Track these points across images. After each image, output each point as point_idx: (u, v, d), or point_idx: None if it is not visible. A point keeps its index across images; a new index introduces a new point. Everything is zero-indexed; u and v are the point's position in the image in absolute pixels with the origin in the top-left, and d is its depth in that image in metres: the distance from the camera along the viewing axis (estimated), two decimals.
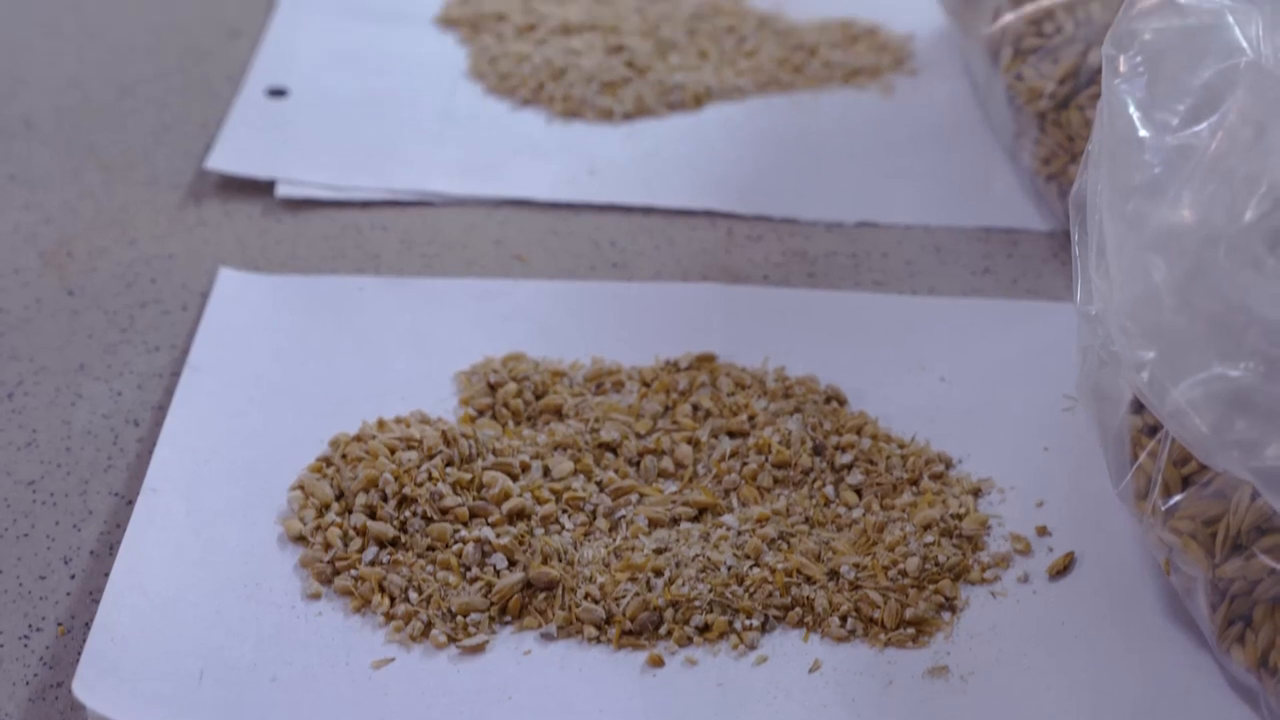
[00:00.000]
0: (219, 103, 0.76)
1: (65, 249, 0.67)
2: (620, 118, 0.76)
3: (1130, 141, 0.50)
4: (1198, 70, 0.50)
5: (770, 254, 0.68)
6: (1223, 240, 0.46)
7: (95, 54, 0.79)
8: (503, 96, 0.77)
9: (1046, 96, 0.69)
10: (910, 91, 0.78)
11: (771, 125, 0.76)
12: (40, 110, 0.75)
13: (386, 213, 0.70)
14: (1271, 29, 0.50)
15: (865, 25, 0.82)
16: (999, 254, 0.68)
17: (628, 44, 0.80)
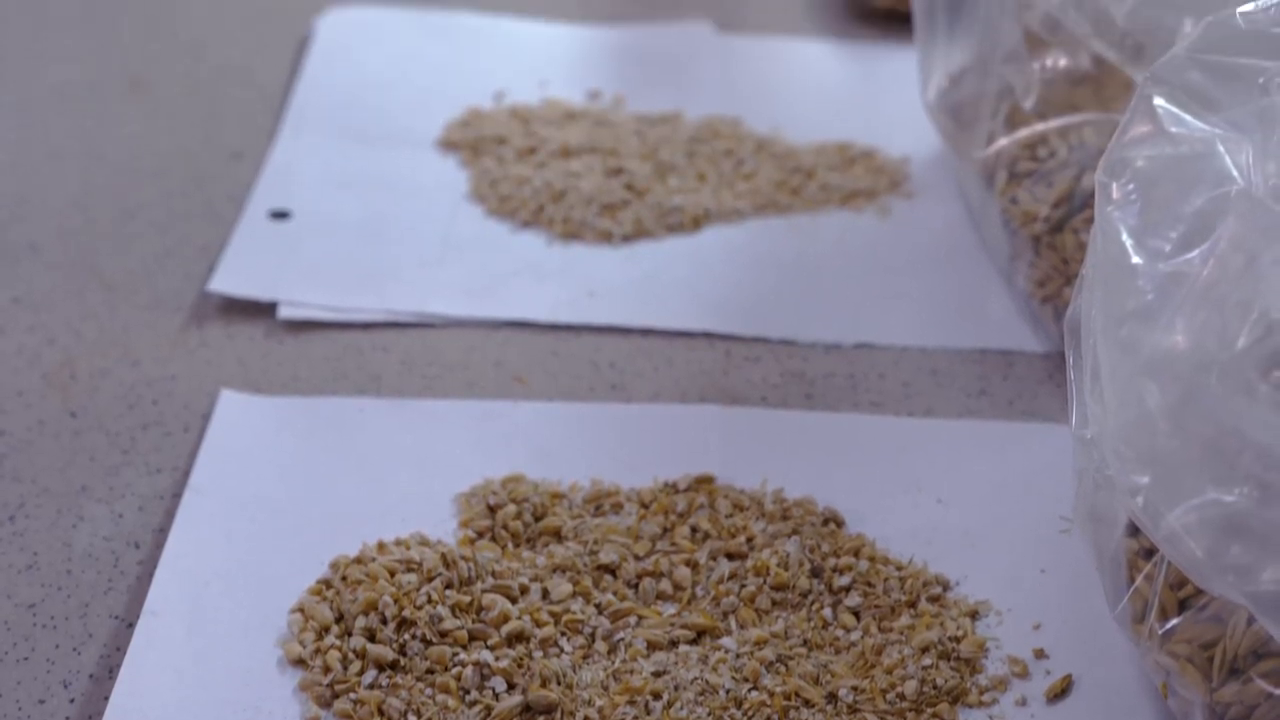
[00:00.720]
0: (222, 225, 0.76)
1: (68, 370, 0.67)
2: (620, 240, 0.77)
3: (1123, 268, 0.50)
4: (1189, 198, 0.51)
5: (768, 375, 0.69)
6: (1215, 366, 0.47)
7: (99, 177, 0.80)
8: (503, 219, 0.78)
9: (1041, 220, 0.69)
10: (907, 214, 0.79)
11: (769, 247, 0.76)
12: (45, 233, 0.76)
13: (388, 334, 0.70)
14: (1261, 158, 0.51)
15: (862, 148, 0.83)
16: (995, 376, 0.69)
17: (627, 167, 0.80)
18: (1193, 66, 0.54)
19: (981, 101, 0.75)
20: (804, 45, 0.92)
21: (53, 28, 0.91)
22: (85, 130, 0.83)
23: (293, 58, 0.89)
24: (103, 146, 0.82)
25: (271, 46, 0.90)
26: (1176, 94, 0.53)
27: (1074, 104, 0.73)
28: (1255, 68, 0.53)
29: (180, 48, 0.90)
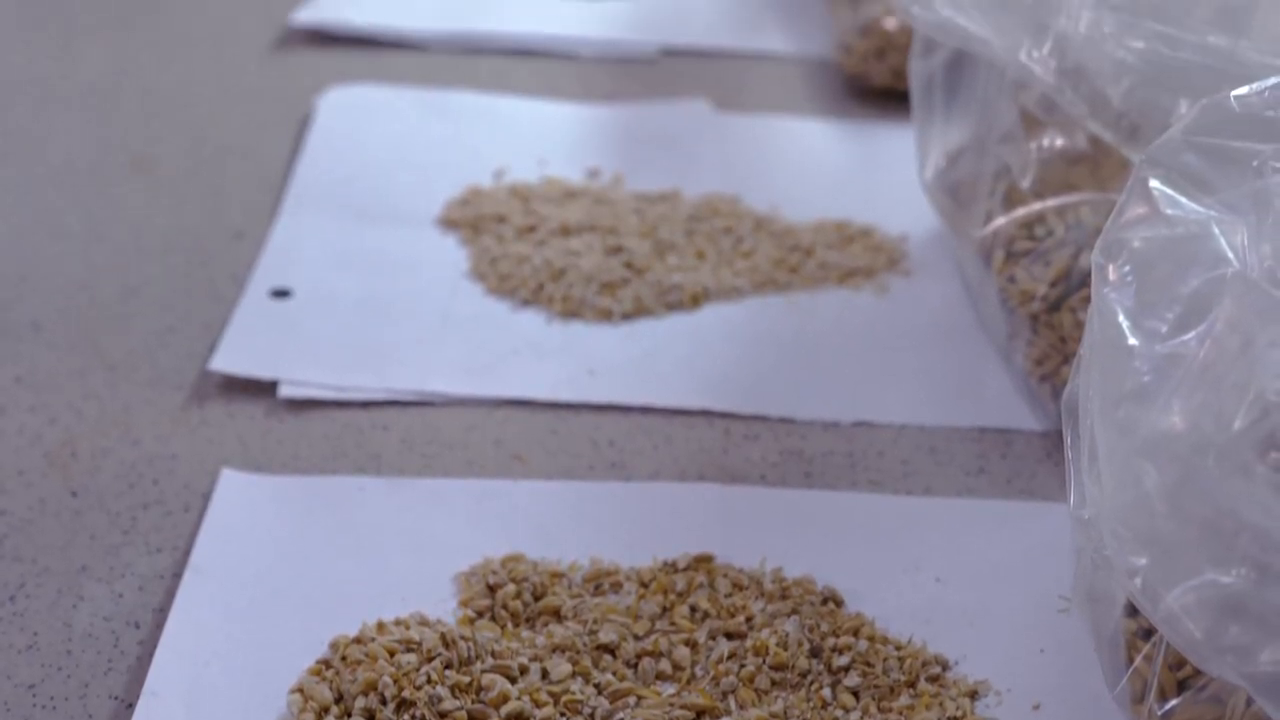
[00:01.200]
0: (223, 303, 0.77)
1: (69, 449, 0.68)
2: (619, 318, 0.77)
3: (1120, 349, 0.50)
4: (1185, 279, 0.51)
5: (767, 453, 0.69)
6: (1212, 448, 0.47)
7: (102, 256, 0.80)
8: (503, 297, 0.78)
9: (1038, 299, 0.70)
10: (905, 292, 0.79)
11: (768, 325, 0.77)
12: (47, 312, 0.76)
13: (388, 412, 0.71)
14: (1256, 240, 0.51)
15: (860, 226, 0.84)
16: (993, 454, 0.69)
17: (626, 245, 0.81)
18: (1188, 149, 0.54)
19: (979, 181, 0.76)
20: (802, 124, 0.93)
21: (56, 107, 0.92)
22: (88, 209, 0.83)
23: (294, 136, 0.90)
24: (105, 225, 0.82)
25: (273, 125, 0.91)
26: (1172, 176, 0.54)
27: (1071, 183, 0.73)
28: (1250, 151, 0.53)
29: (182, 127, 0.91)
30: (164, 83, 0.95)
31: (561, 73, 0.97)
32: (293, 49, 0.98)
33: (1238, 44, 0.63)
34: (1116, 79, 0.66)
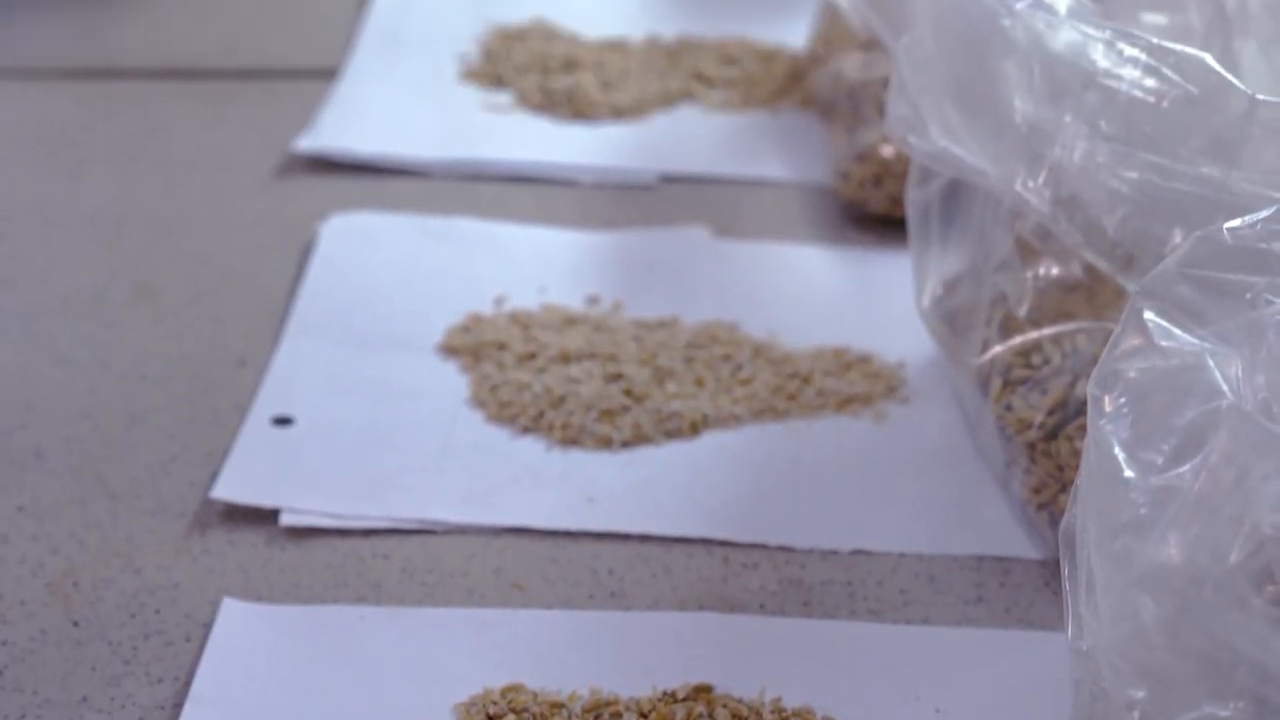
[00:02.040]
0: (226, 431, 0.77)
1: (71, 579, 0.68)
2: (619, 445, 0.77)
3: (1116, 480, 0.51)
4: (1181, 410, 0.52)
5: (766, 582, 0.69)
6: (1209, 580, 0.47)
7: (106, 384, 0.81)
8: (503, 424, 0.79)
9: (1035, 427, 0.70)
10: (903, 419, 0.80)
11: (767, 453, 0.77)
12: (50, 440, 0.76)
13: (388, 541, 0.71)
14: (1250, 371, 0.52)
15: (858, 353, 0.84)
16: (992, 582, 0.69)
17: (626, 372, 0.81)
18: (1182, 281, 0.55)
19: (976, 308, 0.76)
20: (800, 250, 0.94)
21: (61, 235, 0.93)
22: (91, 338, 0.84)
23: (297, 263, 0.91)
24: (109, 354, 0.83)
25: (275, 252, 0.92)
26: (1167, 308, 0.54)
27: (1067, 311, 0.74)
28: (1243, 283, 0.54)
29: (186, 254, 0.91)
30: (168, 210, 0.95)
31: (561, 199, 0.98)
32: (295, 176, 0.99)
33: (1230, 175, 0.64)
34: (1111, 209, 0.66)
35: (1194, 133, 0.65)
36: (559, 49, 1.10)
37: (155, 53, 1.11)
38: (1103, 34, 0.67)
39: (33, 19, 1.14)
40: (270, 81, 1.08)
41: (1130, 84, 0.66)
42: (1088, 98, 0.67)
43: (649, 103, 1.05)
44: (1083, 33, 0.68)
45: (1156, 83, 0.65)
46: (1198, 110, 0.65)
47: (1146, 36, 0.67)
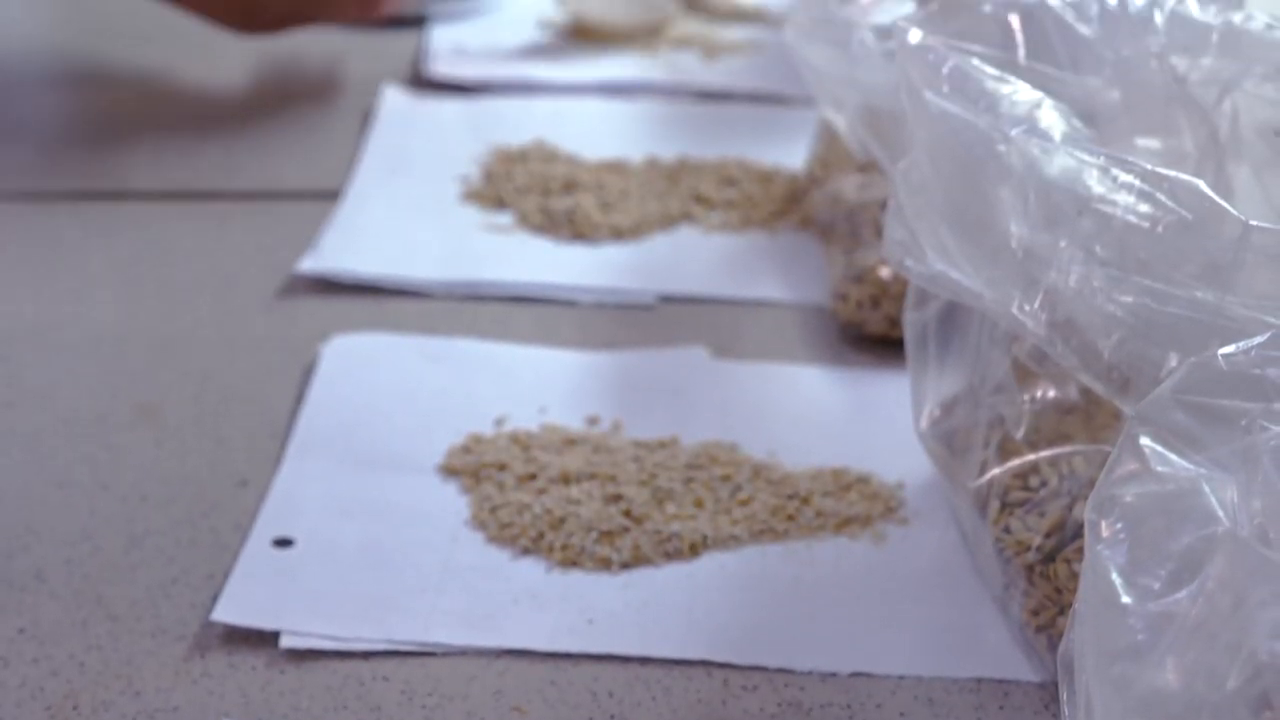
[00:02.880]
0: (226, 553, 0.77)
1: (71, 703, 0.68)
2: (618, 567, 0.78)
3: (1113, 606, 0.51)
4: (1178, 536, 0.52)
5: (765, 705, 0.69)
6: (1206, 707, 0.47)
7: (106, 505, 0.81)
8: (503, 546, 0.79)
9: (1034, 550, 0.70)
10: (901, 540, 0.80)
11: (766, 574, 0.77)
12: (51, 562, 0.77)
13: (388, 663, 0.71)
14: (1246, 497, 0.52)
15: (857, 474, 0.84)
16: (991, 705, 0.69)
17: (625, 493, 0.82)
18: (1177, 407, 0.55)
19: (973, 430, 0.77)
20: (798, 371, 0.94)
21: (63, 355, 0.93)
22: (92, 458, 0.84)
23: (299, 383, 0.91)
24: (109, 475, 0.83)
25: (277, 373, 0.92)
26: (1162, 433, 0.55)
27: (1064, 434, 0.75)
28: (1238, 409, 0.54)
29: (188, 375, 0.92)
30: (169, 331, 0.96)
31: (562, 319, 0.99)
32: (297, 296, 0.99)
33: (1224, 300, 0.64)
34: (1107, 332, 0.67)
35: (1188, 258, 0.66)
36: (559, 170, 1.11)
37: (157, 174, 1.12)
38: (1097, 160, 0.68)
39: (36, 142, 1.15)
40: (272, 202, 1.09)
41: (1125, 209, 0.66)
42: (1083, 223, 0.67)
43: (648, 224, 1.06)
44: (1077, 159, 0.69)
45: (1151, 208, 0.66)
46: (1192, 235, 0.65)
47: (1141, 163, 0.67)
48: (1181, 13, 0.78)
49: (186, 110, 1.20)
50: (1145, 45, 0.78)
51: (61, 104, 1.20)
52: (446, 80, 1.23)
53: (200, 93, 1.22)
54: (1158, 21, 0.78)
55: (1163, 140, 0.78)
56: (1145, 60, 0.78)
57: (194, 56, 1.27)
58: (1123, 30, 0.78)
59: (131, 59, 1.27)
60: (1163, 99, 0.78)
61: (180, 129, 1.18)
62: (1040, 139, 0.70)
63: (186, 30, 1.29)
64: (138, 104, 1.20)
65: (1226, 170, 0.78)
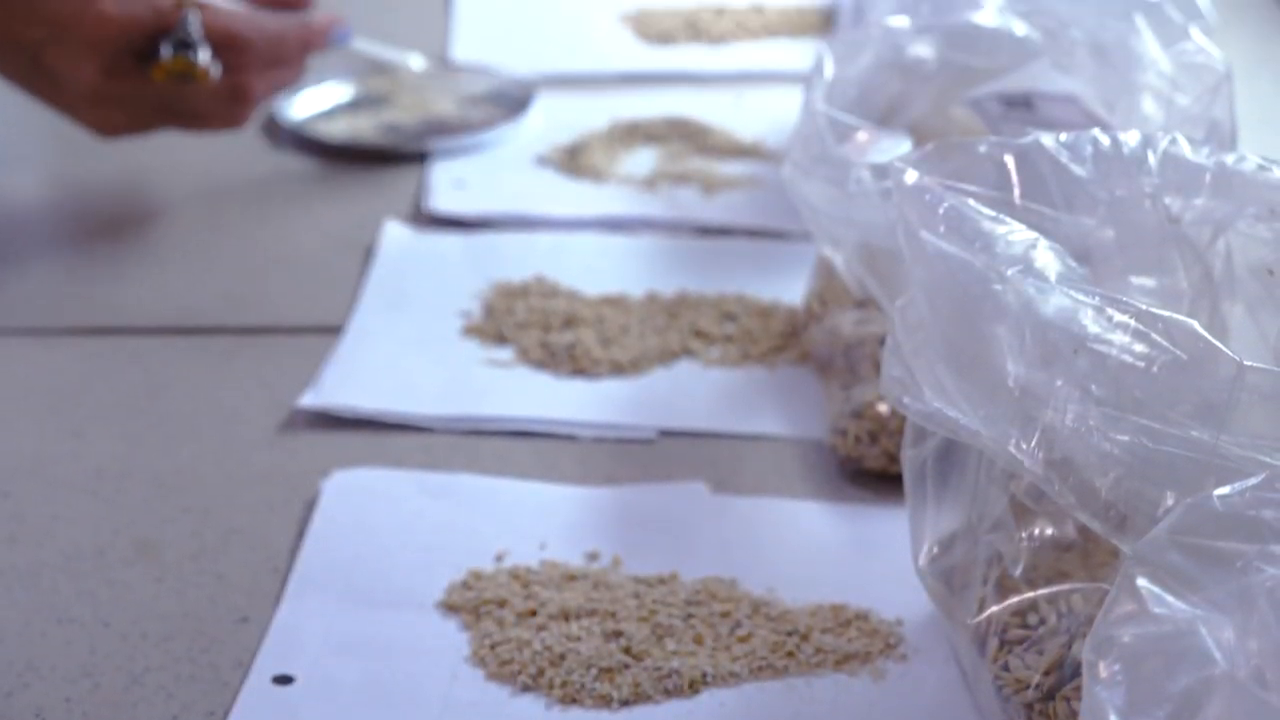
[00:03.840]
0: (227, 691, 0.78)
1: None
2: (618, 704, 0.78)
3: None
4: (1175, 677, 0.52)
5: None
6: None
7: (107, 643, 0.81)
8: (503, 683, 0.79)
9: (1032, 688, 0.70)
10: (901, 677, 0.80)
11: (765, 711, 0.78)
12: (51, 701, 0.77)
13: None
14: (1243, 638, 0.53)
15: (856, 609, 0.85)
16: None
17: (625, 629, 0.82)
18: (1174, 548, 0.56)
19: (971, 568, 0.77)
20: (797, 506, 0.94)
21: (64, 492, 0.94)
22: (93, 595, 0.85)
23: (300, 519, 0.92)
24: (110, 611, 0.83)
25: (279, 508, 0.93)
26: (1159, 574, 0.55)
27: (1062, 571, 0.75)
28: (1234, 550, 0.55)
29: (188, 511, 0.92)
30: (170, 466, 0.96)
31: (562, 454, 0.99)
32: (298, 431, 1.00)
33: (1219, 439, 0.65)
34: (1103, 471, 0.67)
35: (1184, 397, 0.66)
36: (560, 305, 1.11)
37: (159, 309, 1.13)
38: (1092, 300, 0.69)
39: (38, 277, 1.16)
40: (274, 337, 1.10)
41: (1120, 349, 0.67)
42: (1079, 362, 0.68)
43: (648, 358, 1.07)
44: (1073, 298, 0.69)
45: (1146, 348, 0.67)
46: (1187, 375, 0.66)
47: (1135, 303, 0.68)
48: (1174, 154, 0.79)
49: (188, 245, 1.21)
50: (1139, 185, 0.79)
51: (63, 239, 1.21)
52: (447, 216, 1.24)
53: (202, 228, 1.23)
54: (1151, 162, 0.79)
55: (1157, 279, 0.79)
56: (1139, 200, 0.79)
57: (196, 191, 1.28)
58: (1116, 171, 0.79)
59: (133, 193, 1.28)
60: (1157, 238, 0.79)
61: (182, 263, 1.18)
62: (1036, 278, 0.71)
63: (191, 164, 1.30)
64: (139, 239, 1.21)
65: (1221, 308, 0.79)
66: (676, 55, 1.50)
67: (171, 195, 1.27)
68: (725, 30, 1.52)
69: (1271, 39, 1.43)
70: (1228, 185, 0.78)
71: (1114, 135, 0.80)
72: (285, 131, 1.36)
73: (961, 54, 1.02)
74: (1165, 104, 0.94)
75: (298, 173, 1.31)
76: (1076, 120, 0.98)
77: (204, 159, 1.32)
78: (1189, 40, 0.92)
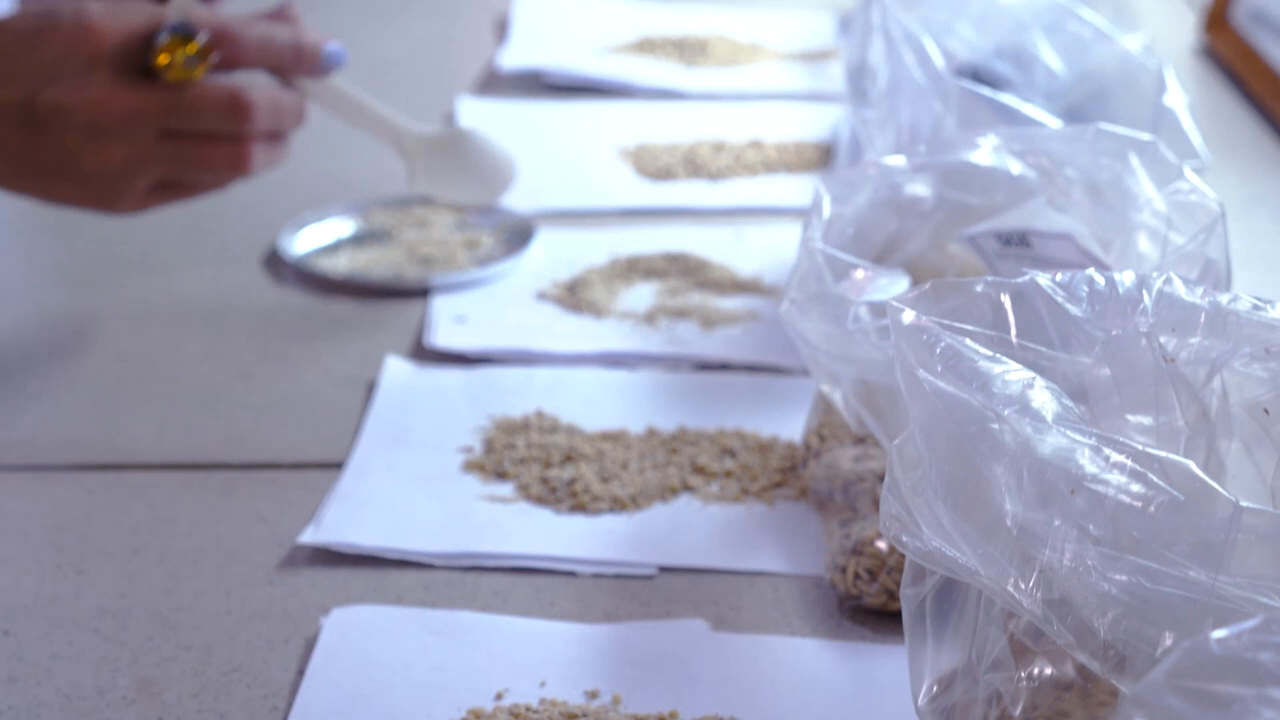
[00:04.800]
0: None
1: None
2: None
3: None
4: None
5: None
6: None
7: None
8: None
9: None
10: None
11: None
12: None
13: None
14: None
15: None
16: None
17: None
18: (1172, 691, 0.56)
19: (971, 707, 0.77)
20: (797, 643, 0.94)
21: (65, 629, 0.94)
22: None
23: (300, 657, 0.92)
24: None
25: (279, 646, 0.93)
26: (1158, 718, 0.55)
27: (1062, 711, 0.75)
28: (1231, 694, 0.55)
29: (189, 649, 0.92)
30: (171, 604, 0.96)
31: (561, 590, 0.99)
32: (299, 568, 1.00)
33: (1217, 580, 0.65)
34: (1102, 611, 0.68)
35: (1181, 537, 0.67)
36: (560, 440, 1.12)
37: (160, 445, 1.13)
38: (1089, 440, 0.69)
39: (39, 413, 1.16)
40: (275, 473, 1.10)
41: (1117, 489, 0.68)
42: (1076, 501, 0.68)
43: (648, 494, 1.07)
44: (1069, 438, 0.70)
45: (1143, 488, 0.67)
46: (1184, 515, 0.66)
47: (1132, 443, 0.69)
48: (1169, 293, 0.80)
49: (190, 380, 1.21)
50: (1134, 325, 0.79)
51: (64, 374, 1.22)
52: (448, 351, 1.25)
53: (204, 363, 1.24)
54: (1146, 302, 0.79)
55: (1154, 417, 0.80)
56: (1135, 339, 0.79)
57: (198, 326, 1.29)
58: (1112, 310, 0.79)
59: (134, 328, 1.28)
60: (1153, 377, 0.79)
61: (183, 400, 1.19)
62: (1033, 418, 0.72)
63: (193, 299, 1.31)
64: (141, 374, 1.22)
65: (1218, 447, 0.80)
66: (676, 191, 1.51)
67: (173, 330, 1.28)
68: (724, 166, 1.53)
69: (1266, 174, 1.44)
70: (1222, 324, 0.79)
71: (1109, 275, 0.80)
72: (288, 266, 1.37)
73: (958, 192, 1.03)
74: (1161, 242, 0.94)
75: (300, 308, 1.32)
76: (1073, 258, 0.99)
77: (206, 293, 1.33)
78: (1183, 179, 0.93)
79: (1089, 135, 0.98)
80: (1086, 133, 0.98)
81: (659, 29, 1.78)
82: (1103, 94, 1.23)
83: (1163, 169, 0.95)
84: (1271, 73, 1.52)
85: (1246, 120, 1.52)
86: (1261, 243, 1.34)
